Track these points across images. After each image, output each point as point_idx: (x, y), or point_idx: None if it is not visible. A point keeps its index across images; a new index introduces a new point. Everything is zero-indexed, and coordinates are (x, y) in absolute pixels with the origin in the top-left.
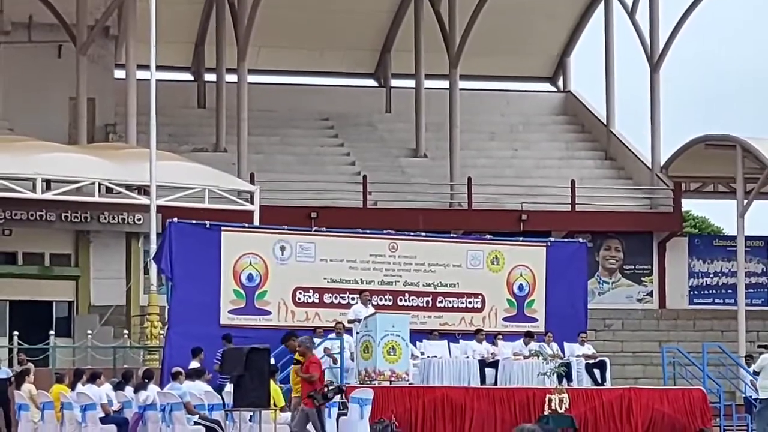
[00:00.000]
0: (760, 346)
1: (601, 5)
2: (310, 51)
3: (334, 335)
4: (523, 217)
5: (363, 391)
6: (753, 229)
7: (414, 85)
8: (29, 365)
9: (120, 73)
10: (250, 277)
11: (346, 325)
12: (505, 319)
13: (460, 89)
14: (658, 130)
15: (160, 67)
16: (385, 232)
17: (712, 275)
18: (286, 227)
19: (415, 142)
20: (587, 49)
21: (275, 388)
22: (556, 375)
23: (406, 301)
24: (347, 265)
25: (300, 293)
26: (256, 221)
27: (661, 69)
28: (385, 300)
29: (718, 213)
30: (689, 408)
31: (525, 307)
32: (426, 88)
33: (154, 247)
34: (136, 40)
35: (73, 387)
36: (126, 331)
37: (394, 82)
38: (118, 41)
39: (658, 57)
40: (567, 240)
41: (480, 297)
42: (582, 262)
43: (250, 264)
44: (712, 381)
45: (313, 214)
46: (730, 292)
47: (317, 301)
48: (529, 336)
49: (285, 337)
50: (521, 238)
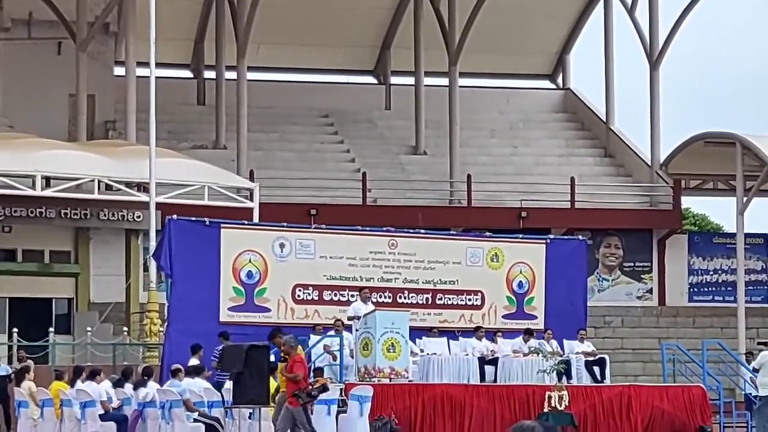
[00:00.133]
0: (759, 343)
1: (601, 3)
2: (310, 48)
3: (333, 332)
4: (523, 214)
5: (362, 389)
6: (752, 226)
7: (414, 83)
8: (29, 362)
9: (120, 70)
10: (250, 275)
11: (345, 323)
12: (504, 316)
13: (460, 86)
14: (658, 128)
15: (159, 64)
16: (384, 229)
17: (711, 272)
18: (285, 224)
19: (415, 139)
20: (587, 46)
21: (275, 385)
22: (555, 372)
23: (405, 298)
24: (347, 263)
25: (299, 290)
26: (256, 218)
27: (660, 66)
28: (385, 297)
29: (717, 210)
30: (689, 405)
31: (524, 305)
32: (426, 86)
33: (153, 244)
34: (135, 37)
35: (72, 384)
36: (125, 328)
37: (394, 79)
38: (118, 38)
39: (658, 54)
40: (567, 237)
41: (479, 294)
42: (582, 260)
43: (250, 261)
44: (711, 378)
45: (313, 211)
46: (729, 289)
47: (317, 298)
48: (528, 333)
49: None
50: (521, 236)
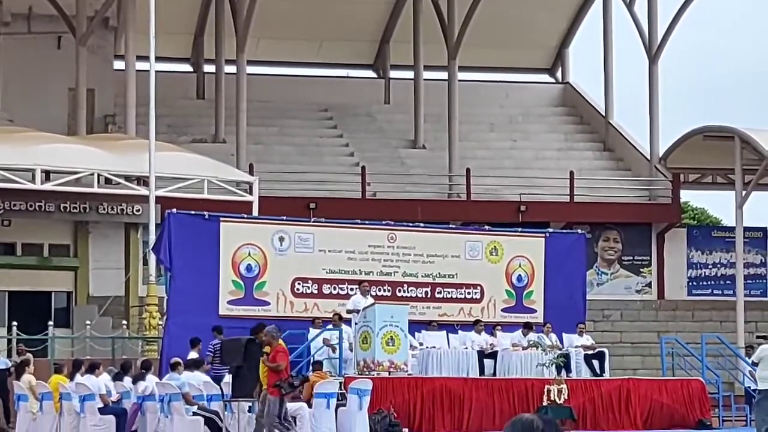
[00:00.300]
0: (758, 337)
1: None
2: (309, 42)
3: (331, 326)
4: (522, 208)
5: (362, 382)
6: (751, 220)
7: (413, 76)
8: (28, 356)
9: (119, 64)
10: (249, 268)
11: (343, 316)
12: (503, 309)
13: (459, 80)
14: (657, 122)
15: (159, 58)
16: (383, 222)
17: (710, 266)
18: (284, 218)
19: (414, 133)
20: (586, 40)
21: None
22: (554, 366)
23: (404, 291)
24: (346, 256)
25: (299, 284)
26: (255, 212)
27: (659, 60)
28: (384, 291)
29: (716, 204)
30: (688, 399)
31: (524, 298)
32: (425, 79)
33: (152, 237)
34: (135, 31)
35: (71, 377)
36: (125, 322)
37: (393, 73)
38: (118, 32)
39: (657, 48)
40: (566, 231)
41: (479, 288)
42: (581, 253)
43: (249, 255)
44: (710, 372)
45: (312, 205)
46: (728, 282)
47: (316, 291)
48: (527, 327)
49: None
50: (520, 229)
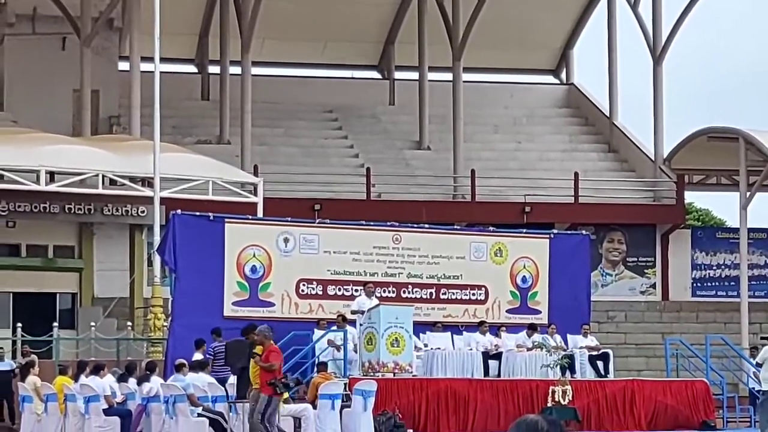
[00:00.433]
0: (763, 338)
1: None
2: (314, 43)
3: (335, 327)
4: (527, 209)
5: (366, 383)
6: (756, 221)
7: (418, 78)
8: (33, 357)
9: (124, 65)
10: (254, 269)
11: (347, 317)
12: (508, 311)
13: (464, 82)
14: (661, 123)
15: (164, 59)
16: (388, 224)
17: (715, 267)
18: (289, 219)
19: (419, 134)
20: (590, 41)
21: None
22: (559, 367)
23: (409, 292)
24: (351, 257)
25: (303, 285)
26: (260, 213)
27: (663, 61)
28: (389, 292)
29: (720, 205)
30: (692, 400)
31: (528, 299)
32: (429, 81)
33: (157, 239)
34: (140, 32)
35: (76, 379)
36: (129, 323)
37: (398, 75)
38: (122, 33)
39: (661, 49)
40: (570, 232)
41: (483, 289)
42: (585, 254)
43: (254, 256)
44: (715, 373)
45: (317, 206)
46: (732, 284)
47: (321, 293)
48: (532, 328)
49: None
50: (524, 231)
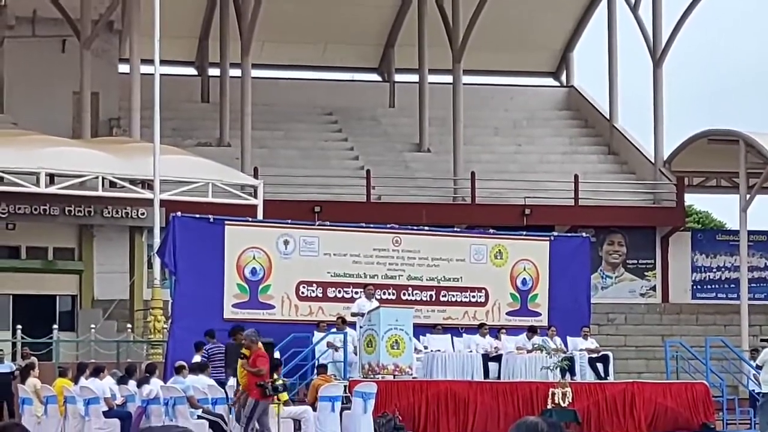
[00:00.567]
0: (762, 340)
1: (605, 1)
2: (314, 45)
3: (335, 329)
4: (527, 211)
5: (366, 385)
6: (756, 223)
7: (418, 80)
8: (33, 359)
9: (124, 68)
10: (254, 272)
11: (347, 319)
12: (508, 313)
13: (464, 84)
14: (661, 125)
15: (163, 62)
16: (388, 226)
17: (714, 270)
18: (289, 221)
19: (419, 136)
20: (590, 44)
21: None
22: (559, 369)
23: (409, 295)
24: (351, 260)
25: (303, 287)
26: (260, 215)
27: (664, 64)
28: (389, 294)
29: (720, 208)
30: (692, 402)
31: (528, 302)
32: (430, 83)
33: (157, 241)
34: (139, 35)
35: (76, 381)
36: (129, 326)
37: (398, 77)
38: (122, 36)
39: (661, 52)
40: (570, 234)
41: (483, 291)
42: (585, 257)
43: (254, 258)
44: (715, 375)
45: (317, 209)
46: (732, 286)
47: (321, 295)
48: (532, 330)
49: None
50: (524, 233)
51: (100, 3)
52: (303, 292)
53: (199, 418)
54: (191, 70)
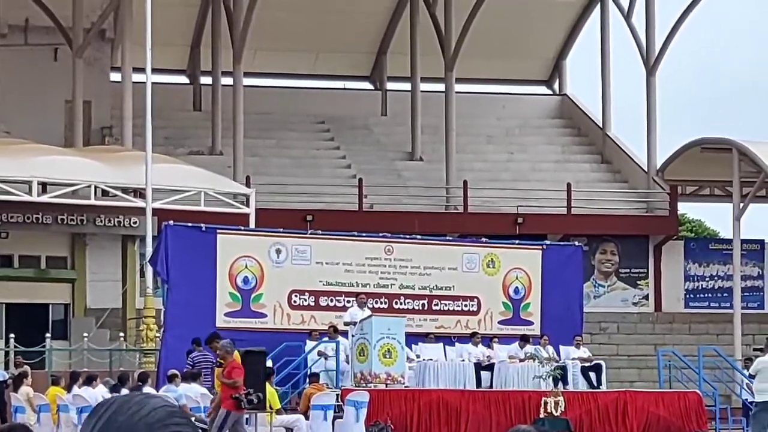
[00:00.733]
0: (755, 350)
1: (597, 8)
2: (306, 54)
3: (327, 338)
4: (519, 220)
5: (359, 394)
6: (749, 232)
7: (410, 88)
8: (26, 368)
9: (116, 76)
10: (246, 280)
11: (339, 328)
12: (500, 322)
13: (456, 92)
14: (654, 134)
15: (155, 70)
16: (380, 235)
17: (708, 278)
18: (281, 230)
19: (411, 145)
20: (583, 52)
21: (271, 391)
22: (551, 378)
23: (401, 304)
24: (343, 268)
25: (296, 296)
26: (252, 224)
27: (657, 72)
28: (381, 303)
29: (713, 216)
30: (685, 411)
31: (521, 311)
32: (422, 91)
33: (149, 249)
34: (131, 43)
35: (69, 389)
36: (122, 334)
37: (390, 85)
38: (114, 44)
39: (654, 60)
40: (563, 243)
41: (476, 300)
42: (578, 266)
43: (246, 267)
44: (707, 384)
45: (309, 217)
46: (725, 295)
47: (313, 304)
48: (524, 339)
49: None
50: (517, 242)
51: (92, 11)
52: (295, 301)
53: None
54: (183, 79)
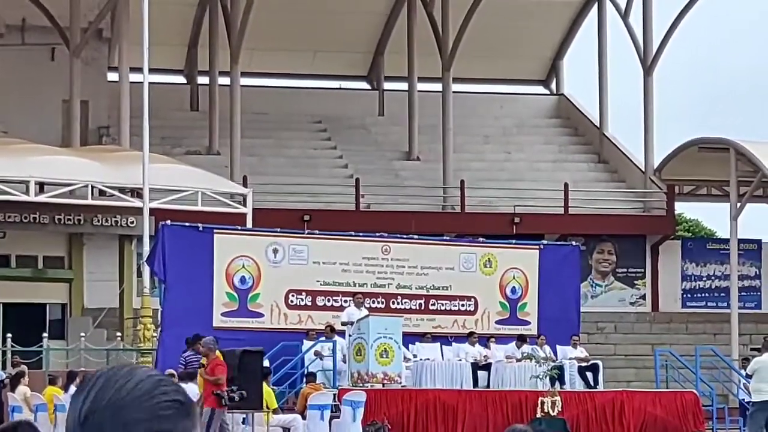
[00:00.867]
0: (753, 349)
1: (595, 8)
2: (303, 54)
3: (324, 338)
4: (516, 220)
5: (356, 394)
6: (746, 232)
7: (407, 88)
8: (23, 368)
9: (113, 76)
10: (243, 280)
11: (336, 328)
12: (497, 322)
13: (453, 92)
14: (652, 133)
15: (153, 70)
16: (377, 234)
17: (705, 278)
18: (278, 230)
19: (408, 145)
20: (581, 52)
21: (268, 391)
22: (548, 378)
23: (398, 303)
24: (340, 268)
25: (293, 296)
26: (249, 224)
27: (654, 72)
28: (378, 303)
29: (711, 216)
30: (682, 411)
31: (518, 310)
32: (419, 91)
33: (147, 249)
34: (129, 43)
35: (66, 389)
36: (119, 334)
37: (387, 85)
38: (111, 44)
39: (652, 60)
40: (560, 243)
41: (473, 300)
42: (575, 266)
43: (243, 266)
44: (704, 384)
45: (306, 217)
46: (723, 295)
47: (310, 303)
48: (521, 339)
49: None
50: (514, 241)
51: (89, 11)
52: (292, 301)
53: None
54: (180, 79)
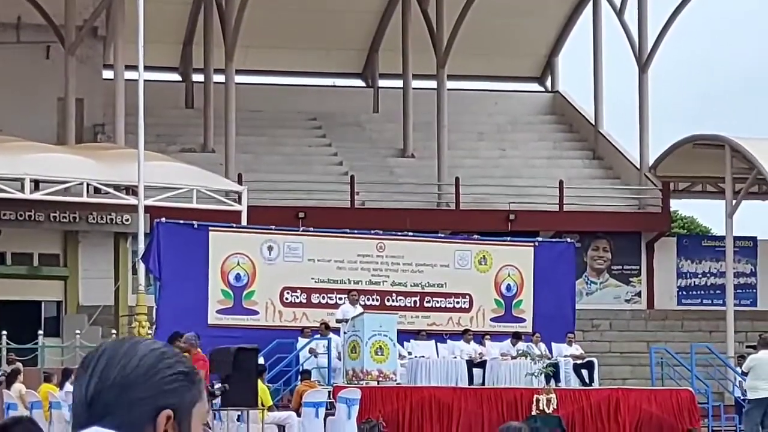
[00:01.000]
0: (748, 347)
1: (590, 5)
2: (298, 51)
3: (319, 335)
4: (511, 217)
5: (350, 391)
6: (741, 229)
7: (402, 85)
8: (18, 365)
9: (108, 74)
10: (238, 277)
11: (331, 325)
12: (492, 319)
13: (448, 89)
14: (647, 130)
15: (148, 68)
16: (372, 232)
17: (700, 275)
18: (273, 227)
19: (403, 142)
20: (575, 49)
21: (263, 388)
22: (543, 375)
23: (393, 301)
24: (335, 265)
25: (288, 293)
26: (244, 221)
27: (649, 69)
28: (373, 300)
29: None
30: (677, 408)
31: (513, 308)
32: (414, 88)
33: (142, 247)
34: (124, 41)
35: (61, 386)
36: (114, 331)
37: (382, 82)
38: (107, 42)
39: (647, 57)
40: (555, 240)
41: (468, 297)
42: (570, 263)
43: (238, 264)
44: (700, 381)
45: (301, 214)
46: (718, 292)
47: (305, 301)
48: (516, 336)
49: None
50: (509, 238)
51: (84, 9)
52: (287, 298)
53: None
54: (175, 76)
